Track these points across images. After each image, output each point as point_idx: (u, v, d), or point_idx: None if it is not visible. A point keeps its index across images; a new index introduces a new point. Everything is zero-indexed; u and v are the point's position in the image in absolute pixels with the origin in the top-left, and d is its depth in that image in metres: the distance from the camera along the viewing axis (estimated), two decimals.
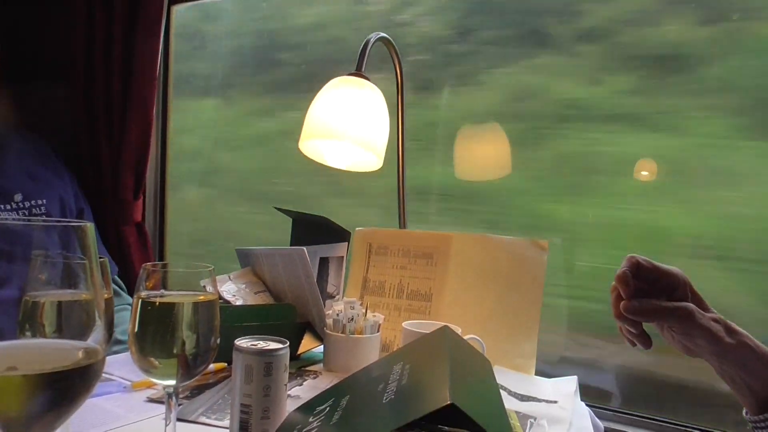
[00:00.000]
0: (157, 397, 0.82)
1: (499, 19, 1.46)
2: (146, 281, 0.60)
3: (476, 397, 0.57)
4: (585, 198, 1.34)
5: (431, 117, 1.54)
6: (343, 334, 1.00)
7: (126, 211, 1.68)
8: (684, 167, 1.24)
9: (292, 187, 1.76)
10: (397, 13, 1.59)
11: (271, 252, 1.14)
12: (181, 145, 1.88)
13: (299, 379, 0.95)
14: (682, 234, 1.23)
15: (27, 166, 1.41)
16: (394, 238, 1.19)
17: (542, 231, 1.37)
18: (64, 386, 0.40)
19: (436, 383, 0.54)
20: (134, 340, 0.58)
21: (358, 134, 1.06)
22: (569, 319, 1.33)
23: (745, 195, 1.17)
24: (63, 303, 0.44)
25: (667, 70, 1.26)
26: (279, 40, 1.81)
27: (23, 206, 1.35)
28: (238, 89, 1.91)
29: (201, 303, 0.59)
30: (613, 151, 1.30)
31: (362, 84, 1.10)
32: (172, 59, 1.78)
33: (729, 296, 1.16)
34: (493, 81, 1.46)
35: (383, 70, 1.28)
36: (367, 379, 0.69)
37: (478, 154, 1.51)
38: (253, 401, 0.65)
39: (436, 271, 1.11)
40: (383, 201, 1.49)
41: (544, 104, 1.40)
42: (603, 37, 1.33)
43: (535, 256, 1.07)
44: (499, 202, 1.45)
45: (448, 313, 1.07)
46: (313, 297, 1.08)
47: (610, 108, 1.32)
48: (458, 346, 0.68)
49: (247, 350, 0.65)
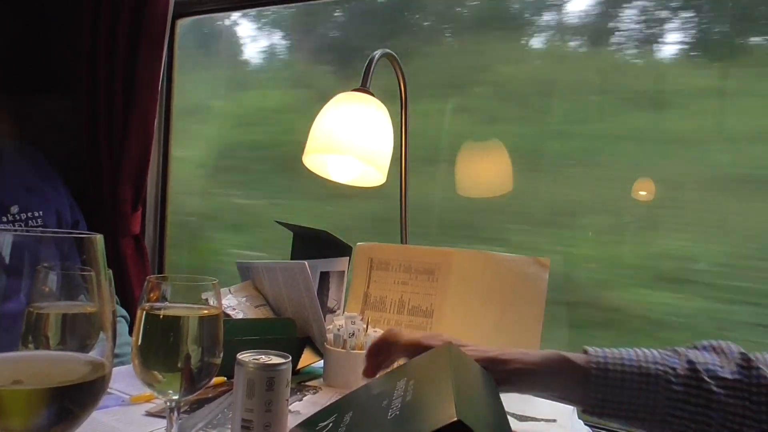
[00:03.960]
0: (156, 411, 0.81)
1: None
2: (150, 293, 0.60)
3: (482, 413, 0.56)
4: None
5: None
6: (344, 349, 1.00)
7: (123, 223, 1.67)
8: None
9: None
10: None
11: (271, 266, 1.14)
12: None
13: (299, 394, 0.94)
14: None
15: (23, 179, 1.40)
16: (395, 253, 1.19)
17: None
18: (70, 400, 0.40)
19: (442, 399, 0.53)
20: (137, 353, 0.57)
21: (362, 149, 1.07)
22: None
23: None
24: (68, 315, 0.44)
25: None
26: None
27: (20, 218, 1.34)
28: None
29: (206, 317, 0.59)
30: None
31: (367, 99, 1.11)
32: (176, 72, 1.79)
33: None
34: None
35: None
36: (369, 396, 0.68)
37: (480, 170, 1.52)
38: (254, 416, 0.64)
39: (437, 287, 1.11)
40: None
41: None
42: None
43: (537, 274, 1.07)
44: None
45: (449, 329, 1.07)
46: (313, 311, 1.07)
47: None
48: (462, 363, 0.68)
49: (249, 364, 0.65)
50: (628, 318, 1.33)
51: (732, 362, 0.62)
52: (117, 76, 1.61)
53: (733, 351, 0.63)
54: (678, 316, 1.28)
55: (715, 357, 0.63)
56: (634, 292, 1.34)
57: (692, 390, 0.60)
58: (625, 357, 0.64)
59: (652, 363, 0.63)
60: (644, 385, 0.62)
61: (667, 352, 0.64)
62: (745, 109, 1.25)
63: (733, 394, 0.60)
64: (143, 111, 1.62)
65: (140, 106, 1.61)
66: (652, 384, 0.61)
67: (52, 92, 1.78)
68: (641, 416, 0.62)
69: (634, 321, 1.32)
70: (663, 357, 0.63)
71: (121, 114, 1.63)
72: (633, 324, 1.32)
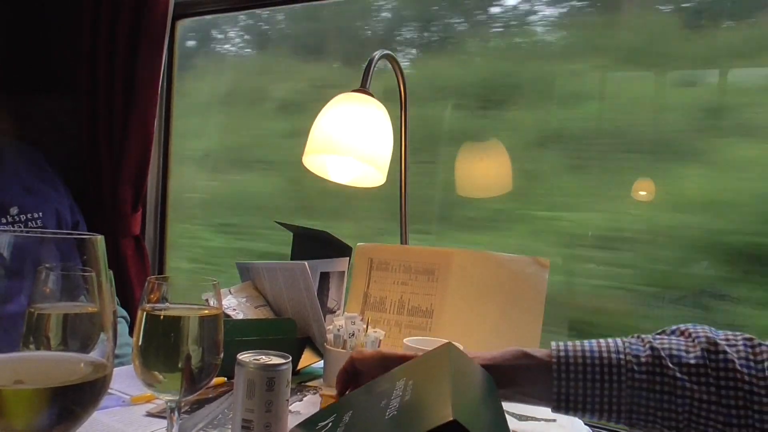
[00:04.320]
0: (156, 411, 0.82)
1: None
2: (150, 294, 0.60)
3: (479, 413, 0.56)
4: None
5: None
6: (344, 349, 1.00)
7: (123, 224, 1.67)
8: None
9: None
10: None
11: (272, 266, 1.14)
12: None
13: (299, 395, 0.94)
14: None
15: (23, 179, 1.39)
16: (395, 253, 1.19)
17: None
18: (71, 400, 0.40)
19: (439, 399, 0.53)
20: (138, 353, 0.57)
21: (362, 150, 1.07)
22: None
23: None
24: (69, 316, 0.44)
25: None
26: None
27: (19, 219, 1.34)
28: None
29: (207, 317, 0.59)
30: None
31: (367, 100, 1.11)
32: (176, 73, 1.79)
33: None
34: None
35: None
36: (369, 395, 0.68)
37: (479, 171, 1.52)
38: (254, 416, 0.64)
39: (437, 288, 1.11)
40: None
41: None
42: None
43: (537, 273, 1.07)
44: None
45: (449, 329, 1.07)
46: (313, 312, 1.07)
47: None
48: (462, 363, 0.68)
49: (250, 365, 0.65)
50: None
51: (698, 346, 0.60)
52: (117, 77, 1.61)
53: (699, 335, 0.61)
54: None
55: (680, 341, 0.61)
56: None
57: (656, 378, 0.59)
58: (587, 349, 0.62)
59: (614, 353, 0.61)
60: (606, 375, 0.60)
61: (631, 340, 0.63)
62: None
63: (697, 380, 0.58)
64: (143, 111, 1.62)
65: (140, 107, 1.61)
66: (614, 374, 0.60)
67: (52, 92, 1.78)
68: (606, 407, 0.61)
69: None
70: (626, 345, 0.62)
71: (121, 114, 1.63)
72: None
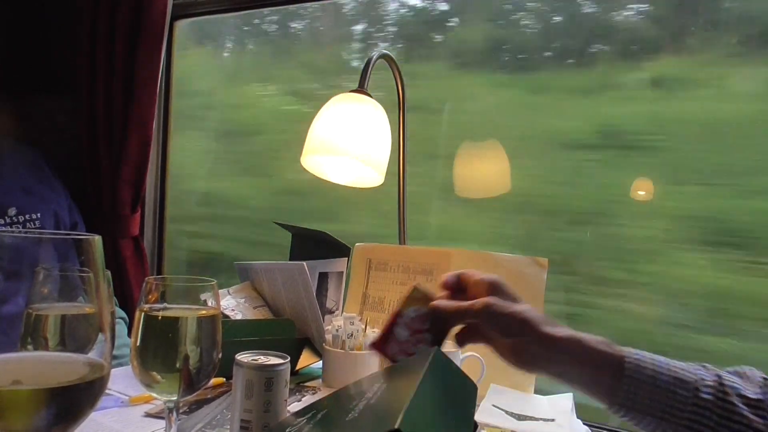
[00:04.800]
0: (155, 412, 0.82)
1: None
2: (148, 295, 0.60)
3: (432, 427, 0.55)
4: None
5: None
6: (343, 349, 1.00)
7: (122, 225, 1.67)
8: None
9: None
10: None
11: (270, 267, 1.14)
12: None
13: (298, 395, 0.94)
14: None
15: (21, 180, 1.39)
16: (393, 254, 1.19)
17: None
18: (69, 401, 0.40)
19: (393, 407, 0.53)
20: (136, 354, 0.57)
21: (360, 150, 1.07)
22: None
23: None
24: (67, 316, 0.44)
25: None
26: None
27: (17, 220, 1.33)
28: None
29: (205, 317, 0.59)
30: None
31: (364, 101, 1.11)
32: (174, 73, 1.79)
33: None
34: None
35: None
36: (346, 395, 0.68)
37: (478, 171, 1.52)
38: (253, 416, 0.64)
39: (435, 288, 1.11)
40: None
41: None
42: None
43: (535, 273, 1.08)
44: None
45: None
46: (312, 312, 1.08)
47: None
48: (440, 369, 0.66)
49: (248, 365, 0.65)
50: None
51: (755, 384, 0.65)
52: (116, 77, 1.61)
53: (756, 375, 0.66)
54: None
55: (738, 379, 0.66)
56: None
57: (718, 401, 0.63)
58: (657, 359, 0.66)
59: (682, 370, 0.65)
60: (675, 387, 0.63)
61: (696, 366, 0.67)
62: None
63: (755, 412, 0.62)
64: (142, 112, 1.62)
65: (139, 107, 1.61)
66: (682, 387, 0.63)
67: (52, 92, 1.78)
68: (667, 417, 0.63)
69: None
70: (693, 367, 0.66)
71: (120, 115, 1.63)
72: None
